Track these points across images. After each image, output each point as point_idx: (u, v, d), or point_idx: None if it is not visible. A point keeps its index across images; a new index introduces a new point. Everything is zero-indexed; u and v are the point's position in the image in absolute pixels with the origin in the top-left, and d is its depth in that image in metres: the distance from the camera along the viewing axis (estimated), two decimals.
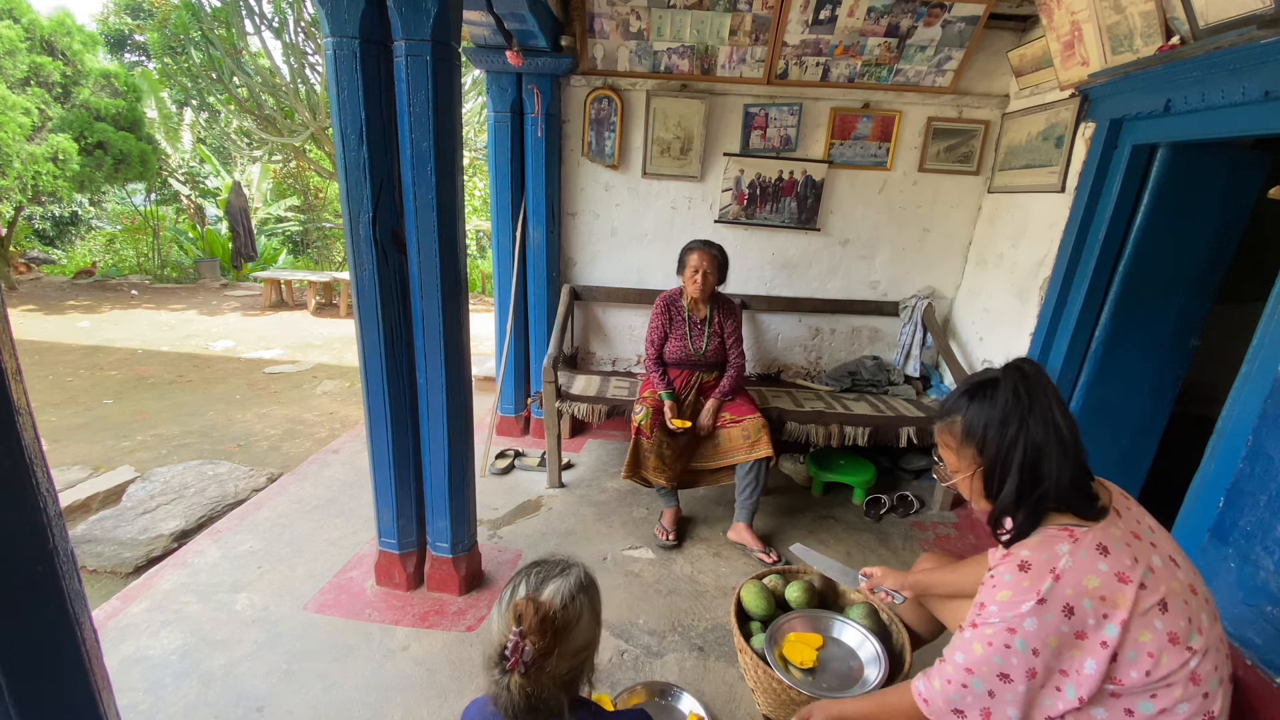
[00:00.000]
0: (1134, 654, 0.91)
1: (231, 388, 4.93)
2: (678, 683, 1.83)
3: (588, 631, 0.94)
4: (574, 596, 0.92)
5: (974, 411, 1.03)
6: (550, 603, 0.89)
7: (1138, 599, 0.91)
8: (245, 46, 7.44)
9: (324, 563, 2.36)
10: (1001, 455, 0.99)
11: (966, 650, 1.00)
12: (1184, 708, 0.92)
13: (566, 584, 0.93)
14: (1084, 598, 0.92)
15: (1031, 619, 0.93)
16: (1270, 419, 1.49)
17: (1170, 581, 0.94)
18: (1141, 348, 2.36)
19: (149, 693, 1.74)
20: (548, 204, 3.14)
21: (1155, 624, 0.91)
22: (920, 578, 1.52)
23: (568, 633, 0.89)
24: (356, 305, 1.88)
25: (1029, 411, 0.98)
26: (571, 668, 0.91)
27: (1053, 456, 0.97)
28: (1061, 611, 0.92)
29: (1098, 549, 0.94)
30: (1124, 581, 0.92)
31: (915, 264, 3.31)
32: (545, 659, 0.86)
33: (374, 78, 1.68)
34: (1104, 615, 0.91)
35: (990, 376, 1.06)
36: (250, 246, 9.65)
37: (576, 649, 0.91)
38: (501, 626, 0.89)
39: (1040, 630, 0.93)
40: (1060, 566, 0.94)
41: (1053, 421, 0.97)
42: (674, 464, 2.58)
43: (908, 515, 2.94)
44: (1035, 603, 0.93)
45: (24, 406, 0.65)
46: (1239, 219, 2.24)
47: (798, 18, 2.70)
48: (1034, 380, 1.01)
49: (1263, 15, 1.52)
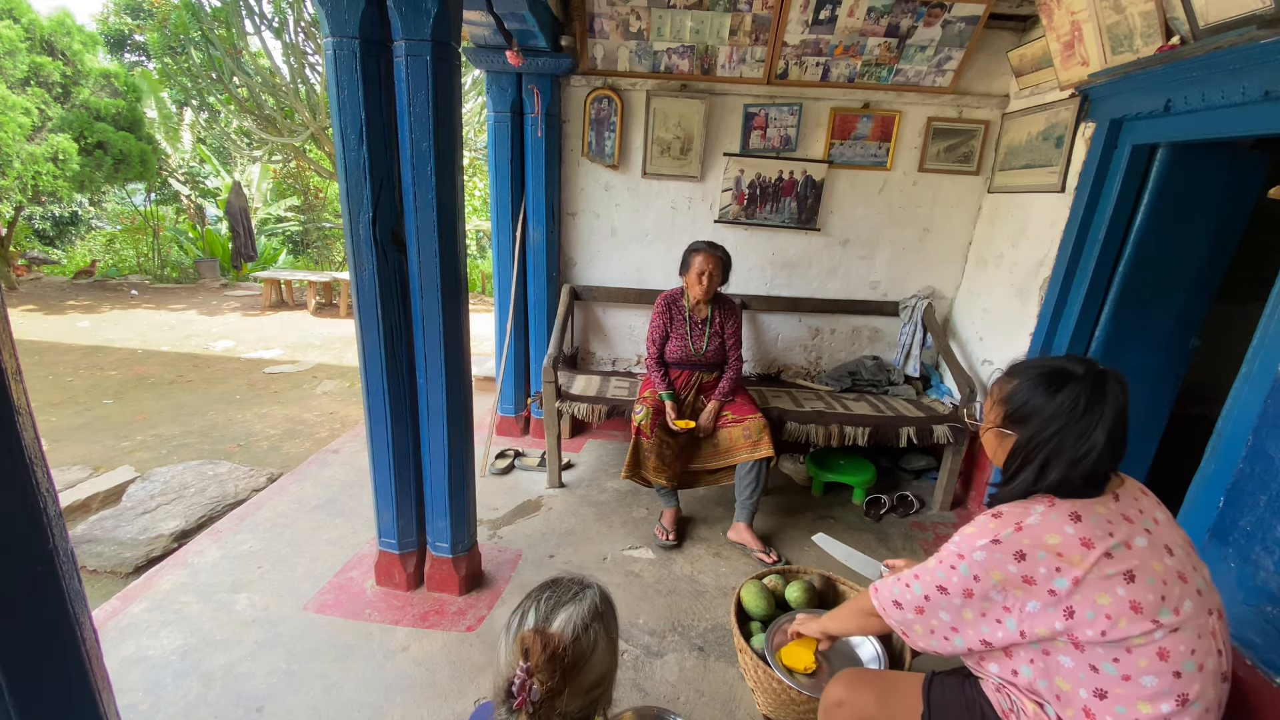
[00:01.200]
0: (1091, 614, 0.95)
1: (231, 388, 4.93)
2: (674, 695, 1.82)
3: (602, 665, 0.86)
4: (587, 627, 0.84)
5: (1028, 389, 1.07)
6: (560, 635, 0.82)
7: (1098, 563, 0.95)
8: (245, 46, 7.43)
9: (324, 563, 2.36)
10: (1028, 447, 1.05)
11: (923, 565, 1.14)
12: (1150, 680, 0.94)
13: (579, 611, 0.86)
14: (1039, 549, 0.98)
15: (981, 551, 1.02)
16: (1270, 419, 1.49)
17: (1151, 561, 0.97)
18: (1141, 348, 2.36)
19: (149, 693, 1.74)
20: (548, 204, 3.14)
21: (1117, 590, 0.95)
22: None
23: (579, 669, 0.82)
24: (356, 305, 1.88)
25: (1074, 423, 1.01)
26: (584, 705, 0.84)
27: (1063, 467, 1.02)
28: (1013, 555, 0.99)
29: (1070, 515, 0.99)
30: (1087, 546, 0.96)
31: (915, 264, 3.31)
32: (554, 699, 0.79)
33: (374, 78, 1.68)
34: (1056, 569, 0.97)
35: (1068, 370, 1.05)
36: (250, 246, 9.65)
37: (590, 685, 0.84)
38: (508, 658, 0.82)
39: (986, 562, 1.01)
40: (1027, 521, 1.01)
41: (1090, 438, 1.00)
42: (674, 464, 2.59)
43: (908, 515, 2.94)
44: (990, 541, 1.01)
45: (24, 406, 0.65)
46: (1239, 219, 2.24)
47: (798, 18, 2.70)
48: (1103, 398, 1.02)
49: (1263, 15, 1.52)
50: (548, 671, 0.78)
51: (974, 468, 3.02)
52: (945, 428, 2.78)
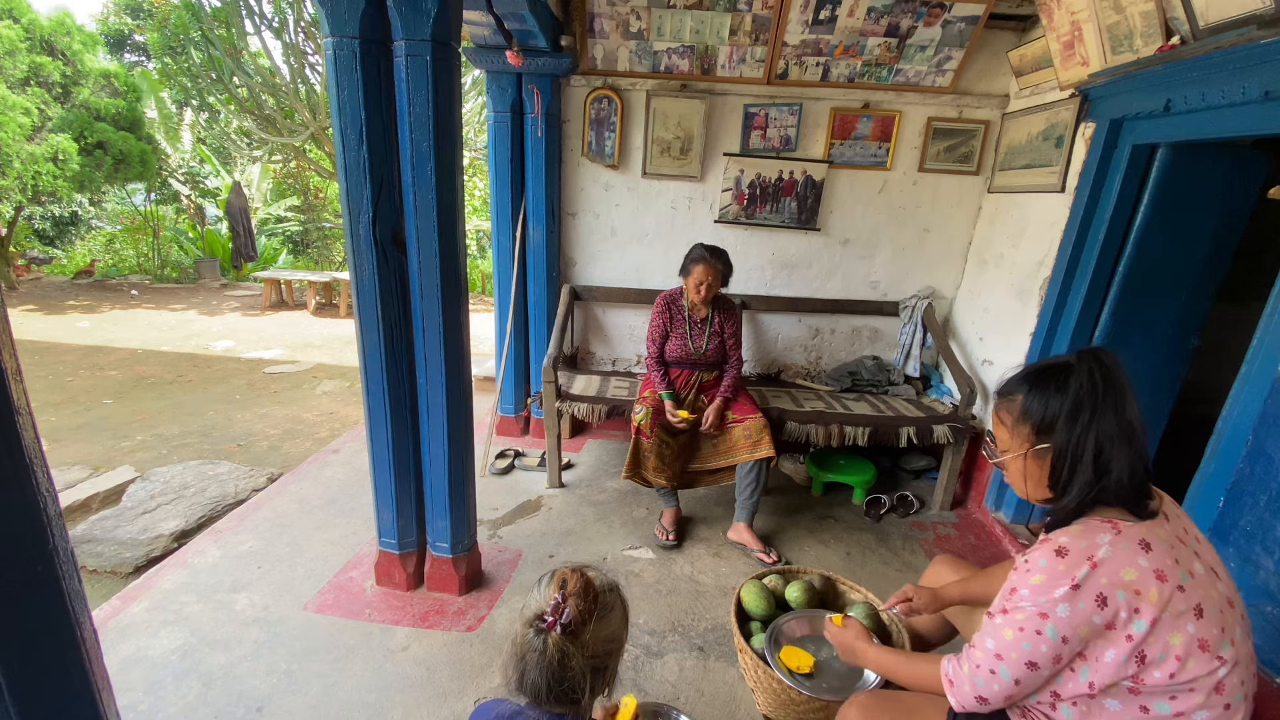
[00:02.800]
0: (1161, 655, 0.89)
1: (231, 388, 4.93)
2: (674, 695, 1.82)
3: (618, 625, 0.95)
4: (612, 588, 0.97)
5: (1039, 395, 1.01)
6: (592, 576, 0.94)
7: (1172, 599, 0.89)
8: (245, 46, 7.43)
9: (324, 563, 2.36)
10: (1072, 445, 0.96)
11: (997, 636, 0.98)
12: (1202, 715, 0.90)
13: (604, 578, 0.98)
14: (1119, 589, 0.89)
15: (1065, 604, 0.91)
16: (1270, 419, 1.49)
17: (1209, 590, 0.93)
18: (1141, 348, 2.36)
19: (149, 693, 1.74)
20: (548, 204, 3.14)
21: (1188, 628, 0.89)
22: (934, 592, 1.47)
23: (605, 613, 0.92)
24: (356, 305, 1.88)
25: (1103, 401, 0.95)
26: (599, 654, 0.90)
27: (1123, 451, 0.94)
28: (1095, 601, 0.90)
29: (1140, 544, 0.92)
30: (1161, 579, 0.89)
31: (915, 264, 3.31)
32: (584, 625, 0.88)
33: (374, 78, 1.68)
34: (1135, 610, 0.89)
35: (1062, 362, 1.02)
36: (250, 246, 9.65)
37: (607, 636, 0.92)
38: (542, 597, 0.91)
39: (1072, 618, 0.91)
40: (1099, 556, 0.91)
41: (1125, 414, 0.95)
42: (674, 464, 2.59)
43: (908, 515, 2.94)
44: (1070, 588, 0.90)
45: (24, 406, 0.65)
46: (1239, 219, 2.24)
47: (798, 18, 2.70)
48: (1112, 370, 0.98)
49: (1263, 15, 1.52)
50: (581, 598, 0.89)
51: (974, 468, 3.02)
52: (945, 428, 2.78)
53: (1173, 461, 2.12)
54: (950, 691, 1.04)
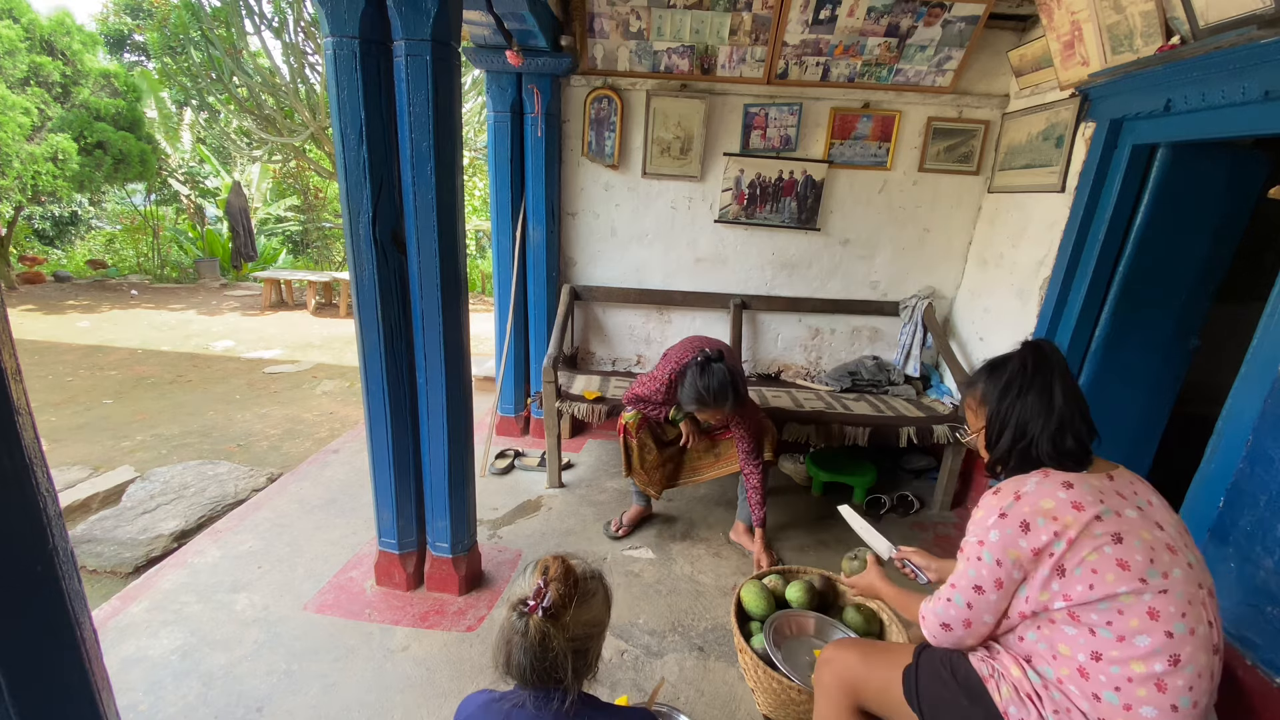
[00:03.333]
0: (1079, 569, 1.01)
1: (231, 388, 4.93)
2: (674, 695, 1.82)
3: (600, 610, 1.00)
4: (594, 575, 1.02)
5: (984, 380, 1.22)
6: (574, 564, 0.99)
7: (1088, 525, 1.01)
8: (245, 46, 7.43)
9: (324, 563, 2.36)
10: (1000, 415, 1.17)
11: (954, 572, 1.15)
12: (1143, 640, 0.97)
13: (586, 566, 1.03)
14: (1039, 515, 1.04)
15: (995, 530, 1.07)
16: (1270, 419, 1.49)
17: (1140, 529, 1.02)
18: (1141, 348, 2.36)
19: (149, 693, 1.74)
20: (548, 204, 3.14)
21: (1105, 549, 1.00)
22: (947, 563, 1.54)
23: (586, 598, 0.96)
24: (356, 305, 1.88)
25: (1030, 382, 1.14)
26: (580, 637, 0.94)
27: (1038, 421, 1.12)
28: (1019, 526, 1.04)
29: (1063, 484, 1.06)
30: (1078, 509, 1.02)
31: (915, 264, 3.31)
32: (564, 608, 0.92)
33: (374, 78, 1.68)
34: (1054, 533, 1.02)
35: (1006, 354, 1.22)
36: (250, 246, 9.65)
37: (588, 620, 0.96)
38: (526, 583, 0.97)
39: (1001, 541, 1.06)
40: (1024, 490, 1.08)
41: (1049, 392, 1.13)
42: (654, 471, 2.53)
43: (908, 515, 2.94)
44: (998, 516, 1.07)
45: (24, 406, 0.65)
46: (1239, 219, 2.24)
47: (798, 17, 2.70)
48: (1044, 355, 1.16)
49: (1263, 15, 1.52)
50: (563, 583, 0.93)
51: (974, 468, 3.02)
52: (945, 428, 2.78)
53: (1173, 461, 2.12)
54: (922, 625, 1.20)
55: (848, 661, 1.31)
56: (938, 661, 1.20)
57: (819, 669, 1.35)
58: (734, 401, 2.11)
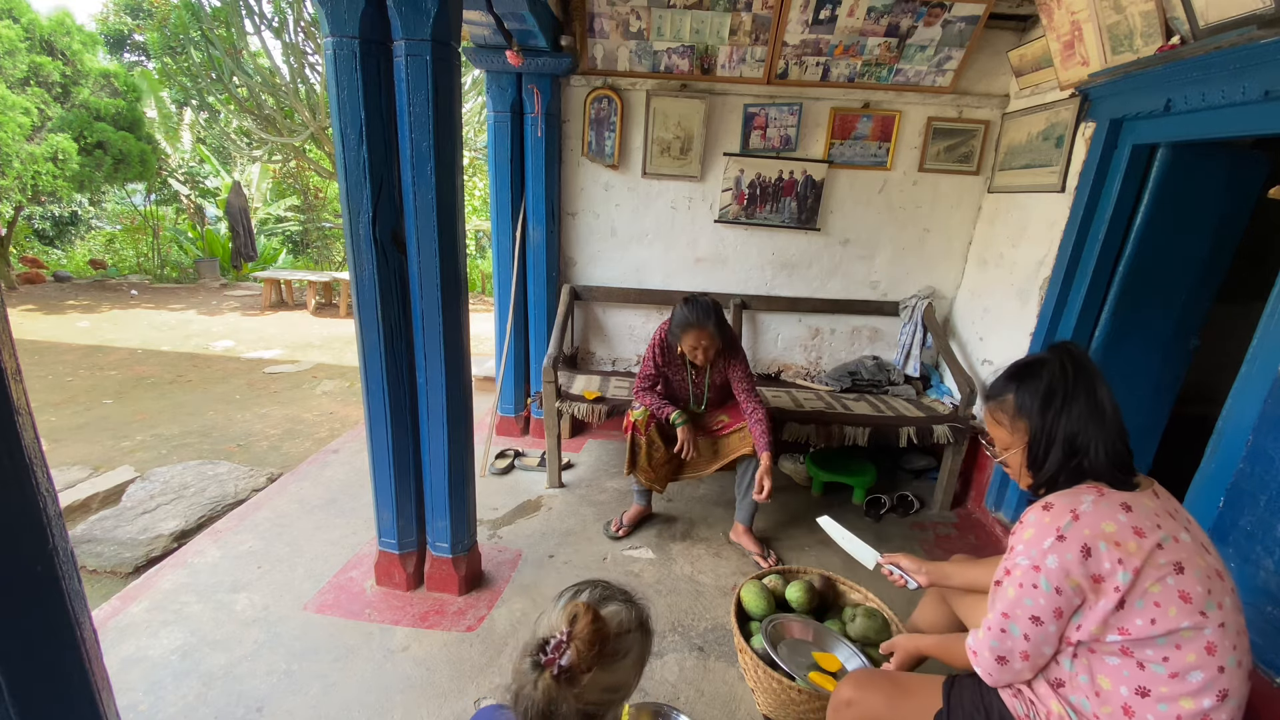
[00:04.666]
0: (1141, 602, 0.94)
1: (231, 388, 4.93)
2: (674, 695, 1.82)
3: (628, 673, 0.86)
4: (629, 631, 0.86)
5: (1018, 391, 1.11)
6: (609, 619, 0.84)
7: (1152, 553, 0.94)
8: (245, 46, 7.43)
9: (324, 563, 2.36)
10: (1046, 429, 1.06)
11: (1002, 597, 1.04)
12: (1196, 676, 0.93)
13: (627, 614, 0.88)
14: (1100, 539, 0.95)
15: (1053, 555, 0.97)
16: (1270, 419, 1.49)
17: (1194, 556, 0.96)
18: (1142, 348, 2.36)
19: (149, 693, 1.73)
20: (548, 204, 3.14)
21: (1168, 580, 0.93)
22: (938, 564, 1.52)
23: (612, 660, 0.83)
24: (356, 305, 1.88)
25: (1073, 387, 1.04)
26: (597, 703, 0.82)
27: (1093, 432, 1.02)
28: (1080, 551, 0.95)
29: (1121, 505, 0.98)
30: (1140, 535, 0.95)
31: (915, 264, 3.31)
32: (581, 673, 0.79)
33: (374, 78, 1.68)
34: (1119, 560, 0.94)
35: (1037, 357, 1.12)
36: (250, 246, 9.65)
37: (611, 685, 0.84)
38: (553, 620, 0.84)
39: (1061, 567, 0.96)
40: (1081, 509, 0.98)
41: (1095, 397, 1.03)
42: (661, 468, 2.53)
43: (908, 515, 2.94)
44: (1055, 539, 0.97)
45: (24, 406, 0.65)
46: (1239, 219, 2.24)
47: (798, 17, 2.70)
48: (1080, 359, 1.07)
49: (1263, 15, 1.52)
50: (586, 643, 0.79)
51: (974, 468, 3.02)
52: (945, 428, 2.78)
53: (1173, 461, 2.12)
54: (975, 662, 1.09)
55: (872, 705, 1.22)
56: (970, 704, 1.13)
57: (838, 710, 1.26)
58: (717, 322, 2.24)
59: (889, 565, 1.56)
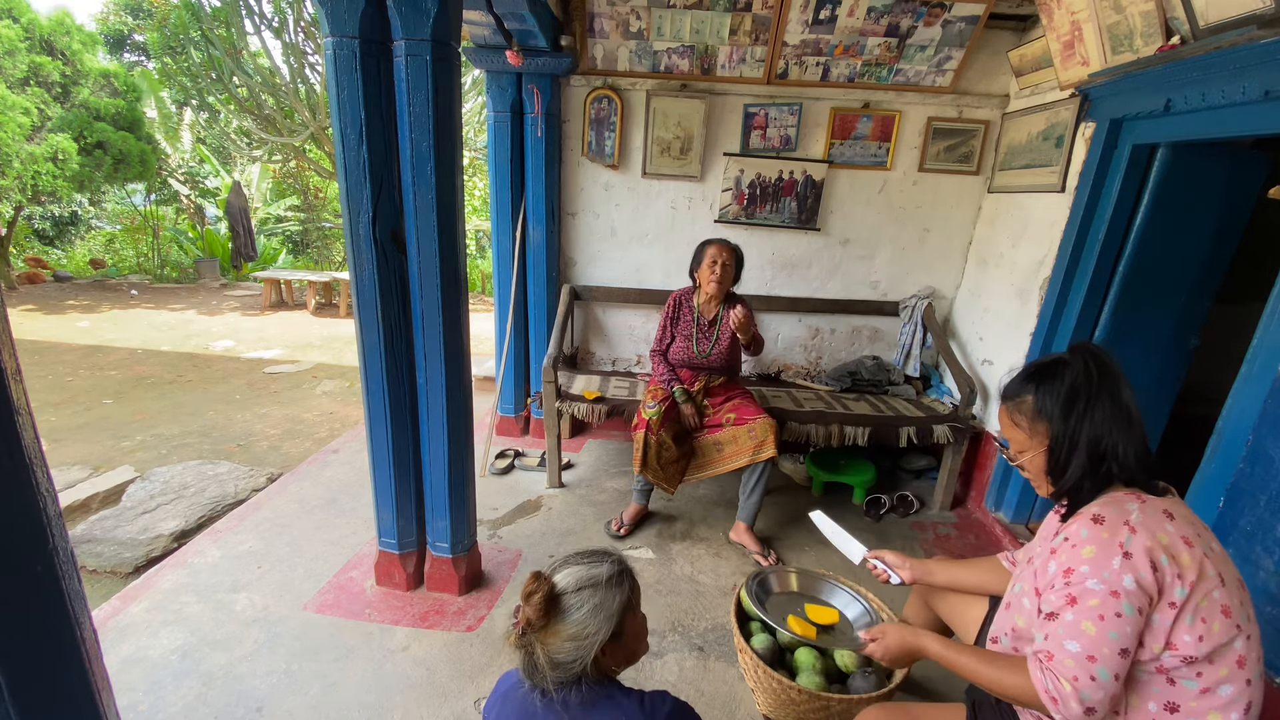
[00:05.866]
0: (1191, 618, 0.90)
1: (231, 388, 4.93)
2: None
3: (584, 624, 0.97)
4: (581, 588, 0.98)
5: (1038, 392, 1.05)
6: (553, 583, 0.97)
7: (1202, 565, 0.91)
8: (245, 46, 7.43)
9: (324, 563, 2.36)
10: (1069, 433, 1.01)
11: (1077, 635, 0.93)
12: (1226, 690, 0.91)
13: (584, 574, 1.00)
14: (1160, 552, 0.91)
15: (1128, 575, 0.90)
16: (1270, 419, 1.49)
17: (1229, 567, 0.95)
18: (1142, 348, 2.36)
19: (149, 693, 1.74)
20: (548, 204, 3.14)
21: (1214, 594, 0.91)
22: (922, 561, 1.53)
23: (558, 616, 0.95)
24: (356, 305, 1.88)
25: (1097, 390, 1.00)
26: (560, 650, 0.95)
27: (1119, 436, 0.98)
28: (1149, 566, 0.90)
29: (1164, 513, 0.95)
30: (1189, 545, 0.92)
31: (915, 264, 3.31)
32: (535, 630, 0.94)
33: (374, 78, 1.68)
34: (1177, 575, 0.90)
35: (1057, 358, 1.07)
36: (250, 246, 9.65)
37: (569, 635, 0.95)
38: None
39: (1140, 588, 0.90)
40: (1133, 519, 0.93)
41: (1121, 400, 0.99)
42: (670, 466, 2.55)
43: (908, 515, 2.94)
44: (1122, 557, 0.91)
45: (24, 406, 0.65)
46: (1239, 219, 2.24)
47: (798, 17, 2.70)
48: (1104, 361, 1.03)
49: (1263, 15, 1.52)
50: (534, 607, 0.93)
51: (974, 468, 3.02)
52: (945, 428, 2.78)
53: (1173, 461, 2.12)
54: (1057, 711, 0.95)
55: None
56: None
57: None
58: (736, 247, 2.56)
59: (874, 560, 1.57)
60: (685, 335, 2.59)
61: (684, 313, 2.62)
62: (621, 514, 2.68)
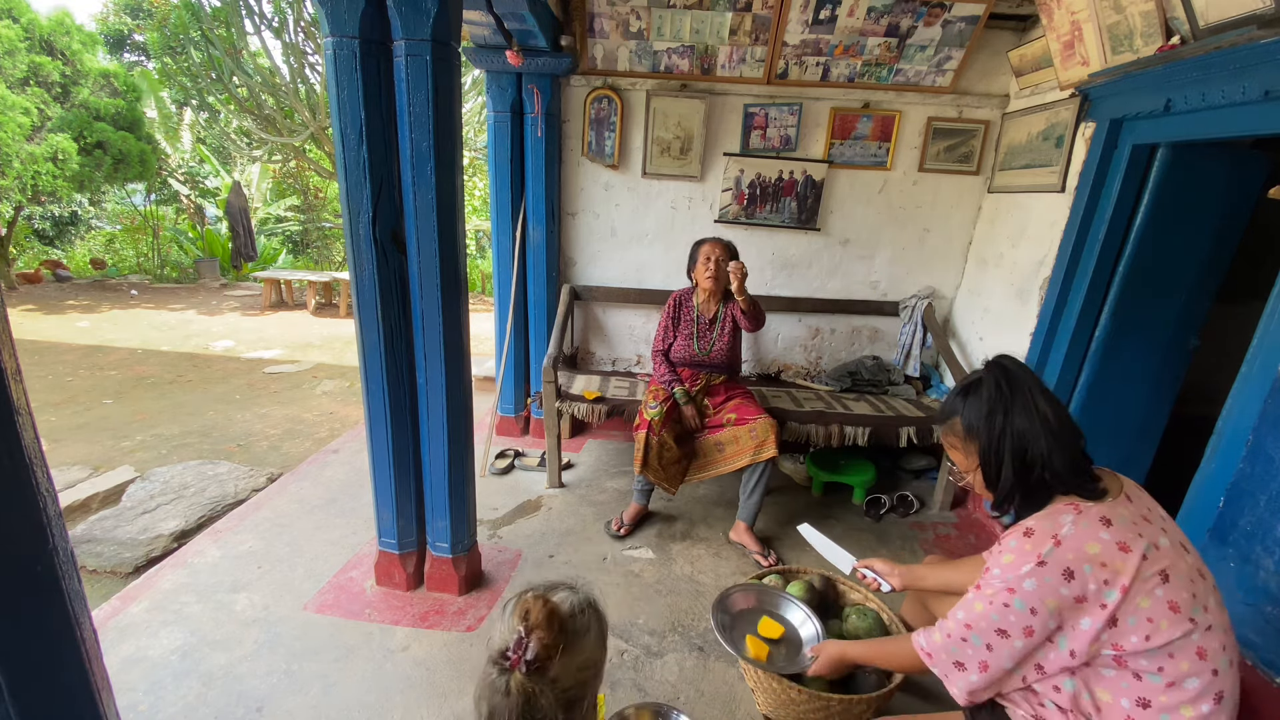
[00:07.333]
0: (1134, 619, 0.94)
1: (231, 388, 4.93)
2: (674, 695, 1.82)
3: (593, 650, 0.87)
4: (583, 609, 0.87)
5: (964, 410, 1.12)
6: (559, 603, 0.84)
7: (1139, 568, 0.94)
8: (245, 46, 7.43)
9: (324, 563, 2.36)
10: (993, 445, 1.07)
11: (968, 609, 1.06)
12: (1193, 683, 0.93)
13: (576, 597, 0.88)
14: (1085, 563, 0.95)
15: (1031, 579, 0.97)
16: (1270, 419, 1.49)
17: (1177, 560, 0.97)
18: (1141, 348, 2.36)
19: (149, 693, 1.73)
20: (548, 204, 3.14)
21: (1156, 592, 0.94)
22: (911, 568, 1.54)
23: (577, 639, 0.83)
24: (356, 305, 1.88)
25: (1011, 402, 1.05)
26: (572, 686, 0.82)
27: (1040, 441, 1.03)
28: (1061, 575, 0.96)
29: (1101, 520, 0.98)
30: (1125, 550, 0.95)
31: (915, 264, 3.31)
32: (549, 660, 0.78)
33: (374, 78, 1.68)
34: (1105, 581, 0.94)
35: (975, 376, 1.13)
36: (250, 246, 9.65)
37: (581, 664, 0.83)
38: (504, 629, 0.82)
39: (1039, 590, 0.97)
40: (1062, 533, 0.98)
41: (1035, 408, 1.04)
42: (671, 467, 2.55)
43: (908, 515, 2.94)
44: (1035, 564, 0.98)
45: (24, 406, 0.65)
46: (1239, 219, 2.24)
47: (798, 17, 2.70)
48: (1014, 373, 1.09)
49: (1263, 15, 1.52)
50: (546, 630, 0.79)
51: None
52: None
53: (1173, 461, 2.12)
54: (930, 664, 1.11)
55: None
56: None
57: None
58: (728, 243, 2.59)
59: (863, 569, 1.59)
60: (686, 334, 2.60)
61: (684, 312, 2.63)
62: (621, 514, 2.68)
